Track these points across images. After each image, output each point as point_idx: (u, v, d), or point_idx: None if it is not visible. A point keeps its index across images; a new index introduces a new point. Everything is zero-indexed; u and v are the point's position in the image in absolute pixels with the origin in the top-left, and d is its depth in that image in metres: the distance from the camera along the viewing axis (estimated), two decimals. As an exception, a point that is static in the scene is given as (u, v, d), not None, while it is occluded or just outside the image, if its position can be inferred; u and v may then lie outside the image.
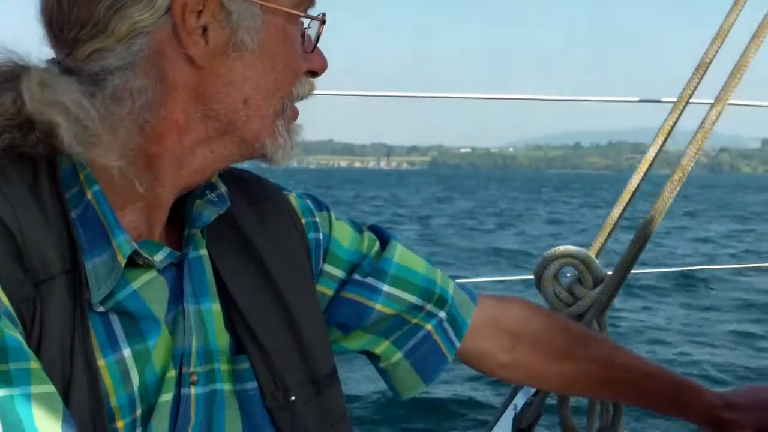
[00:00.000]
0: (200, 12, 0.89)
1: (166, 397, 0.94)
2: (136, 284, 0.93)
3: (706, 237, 27.44)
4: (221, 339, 1.00)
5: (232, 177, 1.12)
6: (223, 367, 1.00)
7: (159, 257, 0.94)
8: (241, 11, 0.91)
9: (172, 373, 0.94)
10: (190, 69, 0.90)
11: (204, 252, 1.02)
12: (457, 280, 1.41)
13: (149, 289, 0.93)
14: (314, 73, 1.02)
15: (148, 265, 0.94)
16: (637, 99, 1.93)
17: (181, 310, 0.97)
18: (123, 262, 0.90)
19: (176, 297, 0.97)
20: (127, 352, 0.90)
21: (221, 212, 1.02)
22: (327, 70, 1.03)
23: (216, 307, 1.01)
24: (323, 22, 1.01)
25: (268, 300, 1.05)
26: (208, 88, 0.92)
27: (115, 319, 0.90)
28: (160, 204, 0.96)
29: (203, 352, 0.98)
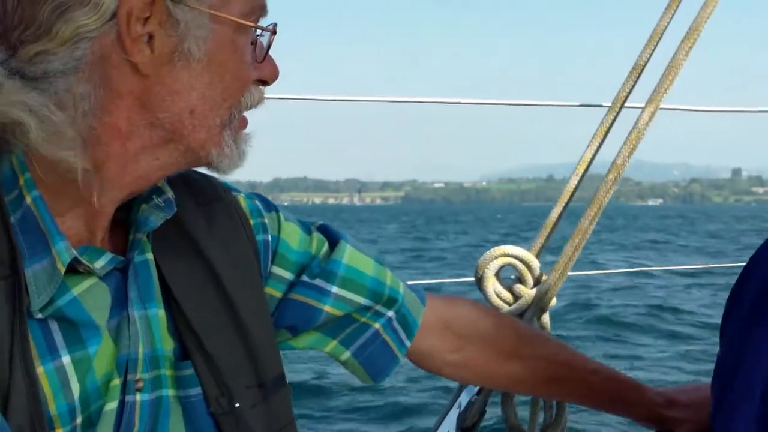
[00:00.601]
0: (146, 19, 0.89)
1: (111, 405, 0.94)
2: (76, 291, 0.92)
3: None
4: (166, 344, 1.00)
5: (180, 178, 1.12)
6: (168, 372, 1.00)
7: (100, 264, 0.94)
8: (189, 20, 0.91)
9: (116, 381, 0.94)
10: (135, 76, 0.90)
11: (150, 256, 1.02)
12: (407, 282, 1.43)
13: (90, 295, 0.93)
14: (264, 82, 1.02)
15: (89, 272, 0.93)
16: (578, 103, 1.96)
17: (125, 316, 0.96)
18: (62, 269, 0.89)
19: (120, 303, 0.97)
20: (66, 360, 0.90)
21: (167, 217, 1.02)
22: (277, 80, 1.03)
23: (161, 312, 1.01)
24: (274, 33, 1.01)
25: (215, 304, 1.05)
26: (153, 96, 0.91)
27: (54, 326, 0.90)
28: (101, 210, 0.95)
29: (150, 358, 0.98)
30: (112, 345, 0.94)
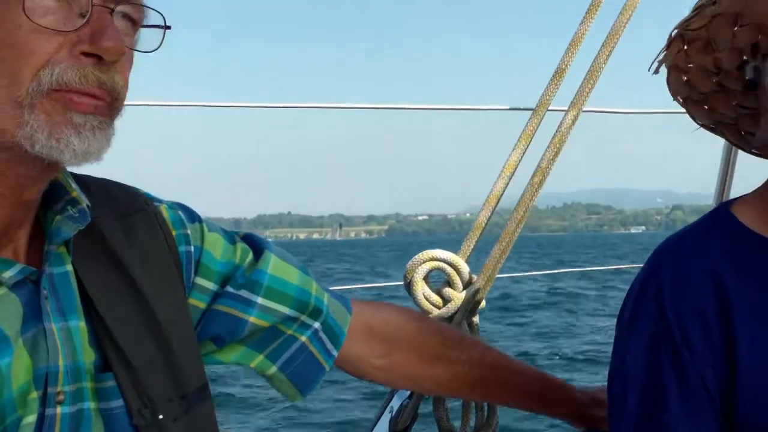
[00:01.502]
0: None
1: (30, 418, 0.91)
2: None
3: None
4: (87, 356, 0.98)
5: (102, 190, 1.10)
6: (89, 385, 0.98)
7: (8, 274, 0.91)
8: None
9: (34, 394, 0.92)
10: None
11: (70, 267, 1.00)
12: (332, 288, 1.43)
13: None
14: (97, 57, 0.90)
15: None
16: (507, 107, 1.98)
17: (42, 329, 0.94)
18: None
19: (35, 315, 0.94)
20: None
21: (81, 228, 1.00)
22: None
23: (82, 324, 0.99)
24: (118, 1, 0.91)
25: (135, 315, 1.03)
26: None
27: None
28: None
29: (72, 370, 0.96)
30: (27, 357, 0.92)
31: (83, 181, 1.08)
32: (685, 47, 1.22)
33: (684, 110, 1.38)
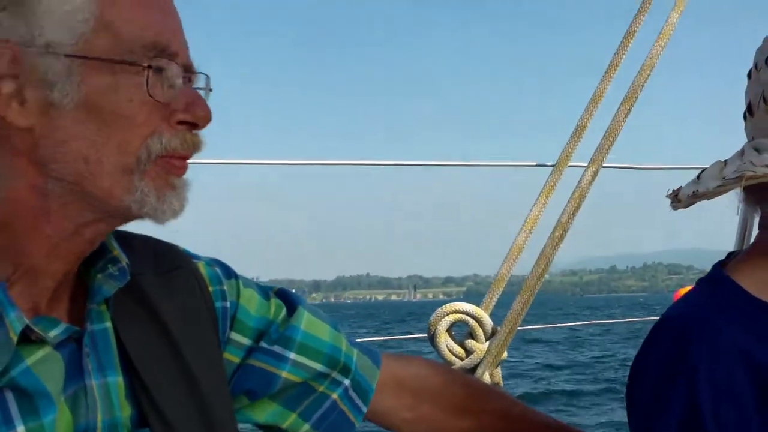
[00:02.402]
0: (14, 77, 0.89)
1: None
2: (29, 361, 0.92)
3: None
4: (124, 411, 1.00)
5: (144, 246, 1.13)
6: None
7: (53, 333, 0.93)
8: (51, 68, 0.89)
9: None
10: (19, 133, 0.90)
11: (109, 324, 1.02)
12: (359, 339, 1.46)
13: (43, 365, 0.93)
14: (191, 124, 0.97)
15: (43, 341, 0.93)
16: (534, 163, 2.03)
17: (83, 386, 0.96)
18: (15, 338, 0.89)
19: (76, 373, 0.96)
20: (21, 429, 0.89)
21: (120, 286, 1.02)
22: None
23: (120, 379, 1.01)
24: (190, 72, 0.97)
25: (172, 371, 1.05)
26: (42, 150, 0.90)
27: (9, 396, 0.90)
28: (38, 275, 0.95)
29: (109, 425, 0.98)
30: (69, 415, 0.94)
31: (125, 237, 1.11)
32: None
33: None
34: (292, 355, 1.23)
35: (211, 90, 1.02)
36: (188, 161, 1.00)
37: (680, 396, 1.13)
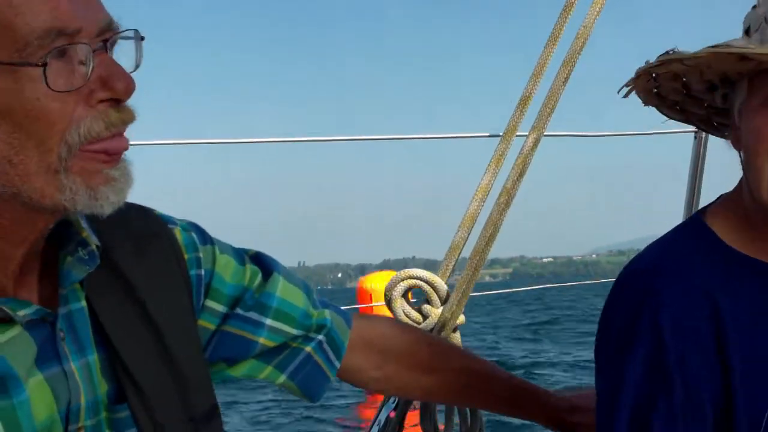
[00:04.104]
0: None
1: None
2: None
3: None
4: (102, 387, 1.02)
5: (118, 212, 1.10)
6: (104, 415, 1.02)
7: (23, 312, 0.94)
8: None
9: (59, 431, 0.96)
10: None
11: (83, 303, 1.03)
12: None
13: (11, 346, 0.93)
14: (114, 100, 0.93)
15: (12, 321, 0.93)
16: (488, 134, 2.10)
17: (61, 370, 0.97)
18: None
19: (52, 356, 0.97)
20: None
21: (90, 271, 1.03)
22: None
23: (96, 356, 1.02)
24: (104, 34, 0.93)
25: (148, 344, 1.07)
26: None
27: None
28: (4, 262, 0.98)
29: (92, 404, 1.00)
30: (50, 397, 0.95)
31: None
32: (654, 76, 1.25)
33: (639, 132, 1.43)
34: (268, 321, 1.27)
35: (143, 39, 0.98)
36: (130, 142, 0.97)
37: (646, 331, 1.17)
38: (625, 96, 1.30)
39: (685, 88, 1.26)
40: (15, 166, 0.89)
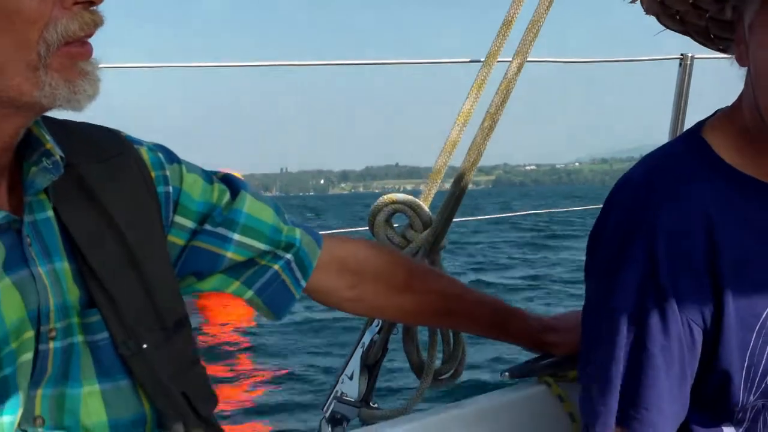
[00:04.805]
0: None
1: (27, 356, 0.99)
2: None
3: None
4: (73, 294, 1.06)
5: (83, 133, 1.17)
6: (76, 320, 1.06)
7: None
8: None
9: (30, 333, 1.00)
10: None
11: (51, 213, 1.07)
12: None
13: None
14: (89, 2, 0.98)
15: None
16: (468, 59, 2.10)
17: (29, 273, 1.01)
18: None
19: (19, 260, 1.01)
20: None
21: (54, 179, 1.06)
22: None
23: (66, 264, 1.07)
24: None
25: (117, 253, 1.11)
26: None
27: None
28: None
29: (61, 308, 1.04)
30: (19, 299, 1.00)
31: (65, 126, 1.16)
32: None
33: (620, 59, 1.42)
34: (236, 236, 1.30)
35: None
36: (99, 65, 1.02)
37: (640, 253, 1.16)
38: (633, 1, 1.28)
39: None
40: None
